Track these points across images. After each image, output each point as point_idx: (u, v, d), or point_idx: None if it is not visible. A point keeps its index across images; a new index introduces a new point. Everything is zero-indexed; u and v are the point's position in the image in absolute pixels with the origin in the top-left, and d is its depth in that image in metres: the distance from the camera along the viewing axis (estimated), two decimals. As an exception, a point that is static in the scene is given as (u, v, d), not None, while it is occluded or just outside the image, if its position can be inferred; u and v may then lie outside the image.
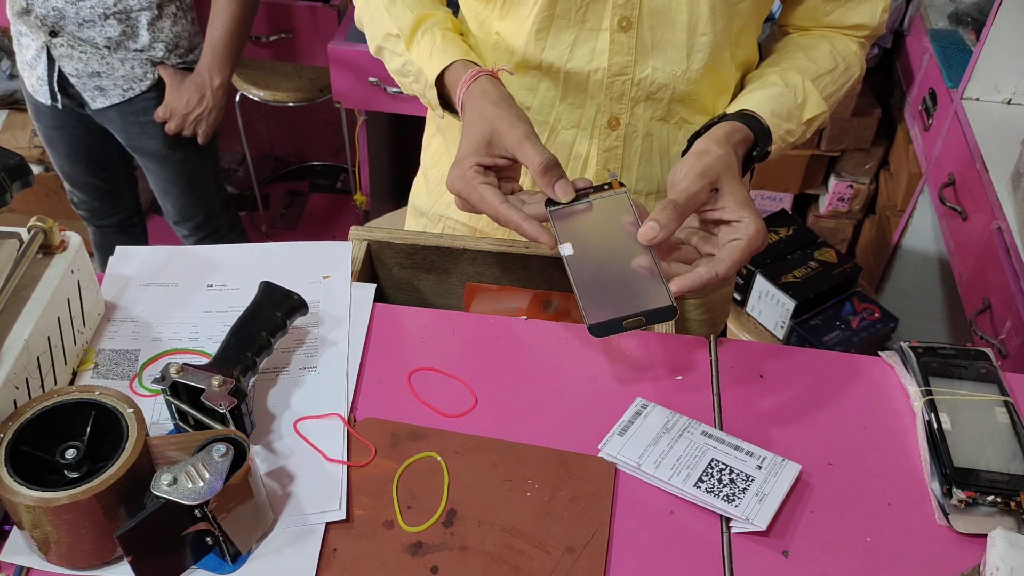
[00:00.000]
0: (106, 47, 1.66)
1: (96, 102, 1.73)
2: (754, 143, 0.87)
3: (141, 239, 2.16)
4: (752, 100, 0.89)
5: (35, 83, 1.73)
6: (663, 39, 0.88)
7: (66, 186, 1.99)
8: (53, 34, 1.64)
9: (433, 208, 1.10)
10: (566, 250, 0.78)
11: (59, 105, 1.74)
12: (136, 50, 1.68)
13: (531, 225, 0.79)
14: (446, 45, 0.89)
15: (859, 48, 0.97)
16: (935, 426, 0.79)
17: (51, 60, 1.68)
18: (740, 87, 0.97)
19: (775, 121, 0.88)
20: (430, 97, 0.90)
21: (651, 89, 0.91)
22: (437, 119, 1.06)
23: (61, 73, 1.69)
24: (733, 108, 0.90)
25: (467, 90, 0.85)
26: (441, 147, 1.08)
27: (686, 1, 0.86)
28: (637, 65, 0.89)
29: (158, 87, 1.73)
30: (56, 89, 1.72)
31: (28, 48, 1.70)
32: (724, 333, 1.22)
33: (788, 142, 0.91)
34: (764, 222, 0.80)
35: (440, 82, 0.89)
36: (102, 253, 2.11)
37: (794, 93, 0.90)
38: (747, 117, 0.87)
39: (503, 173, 0.84)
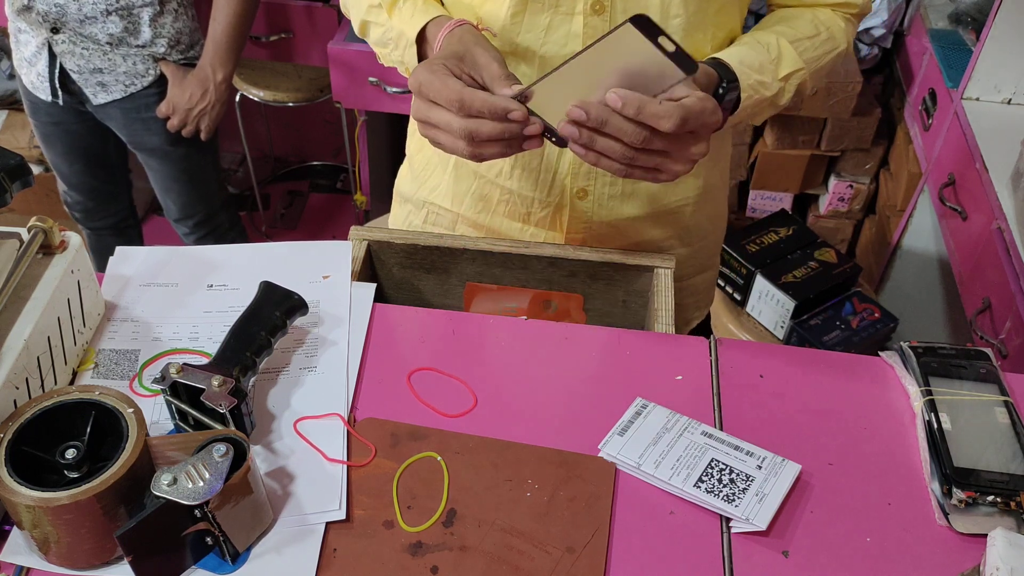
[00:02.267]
0: (108, 43, 1.66)
1: (98, 97, 1.72)
2: (719, 81, 0.87)
3: (136, 242, 2.14)
4: (722, 53, 0.90)
5: (35, 79, 1.73)
6: None
7: (60, 186, 1.98)
8: (55, 30, 1.64)
9: (417, 194, 1.11)
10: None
11: (59, 101, 1.74)
12: (138, 46, 1.68)
13: (498, 99, 0.77)
14: (427, 7, 0.91)
15: (845, 23, 0.98)
16: (935, 426, 0.79)
17: (52, 56, 1.68)
18: None
19: (744, 69, 0.88)
20: (408, 59, 0.91)
21: None
22: None
23: (62, 69, 1.69)
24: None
25: (451, 31, 0.86)
26: None
27: None
28: None
29: (160, 83, 1.73)
30: (57, 85, 1.71)
31: (27, 45, 1.70)
32: (709, 319, 1.22)
33: (764, 96, 0.90)
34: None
35: (420, 40, 0.90)
36: (96, 256, 2.09)
37: (767, 49, 0.91)
38: (715, 63, 0.88)
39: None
